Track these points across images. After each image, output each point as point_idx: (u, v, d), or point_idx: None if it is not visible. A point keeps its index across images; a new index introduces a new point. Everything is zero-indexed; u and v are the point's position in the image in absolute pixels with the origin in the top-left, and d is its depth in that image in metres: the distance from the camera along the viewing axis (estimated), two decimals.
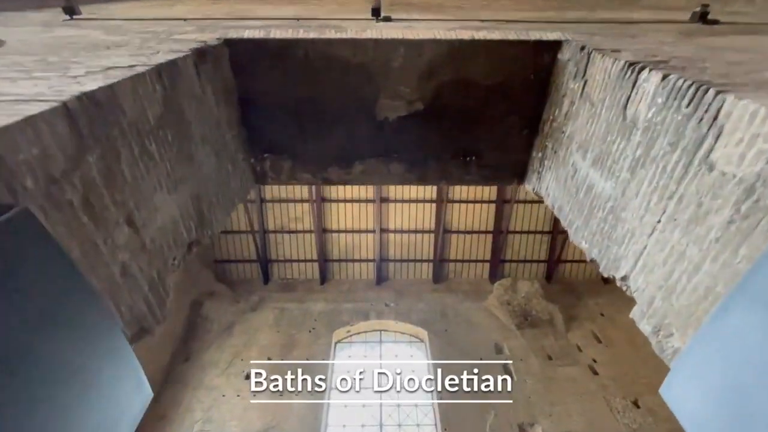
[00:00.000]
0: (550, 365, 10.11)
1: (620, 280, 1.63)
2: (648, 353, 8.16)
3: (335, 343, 10.87)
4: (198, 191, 1.78)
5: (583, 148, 1.92)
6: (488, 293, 12.07)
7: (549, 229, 12.46)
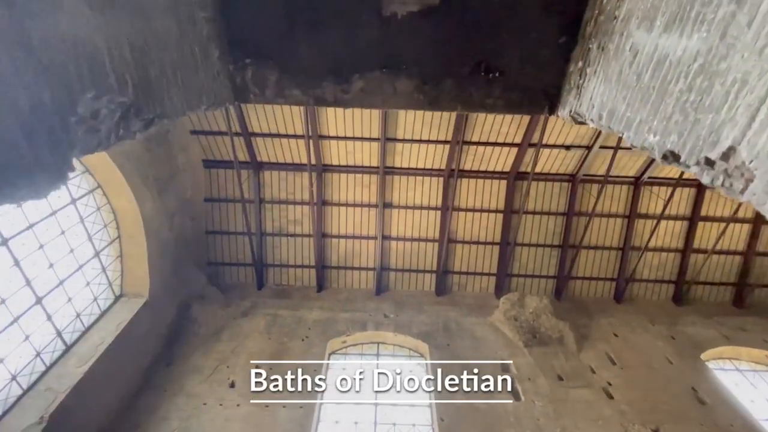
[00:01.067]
0: (560, 386, 9.30)
1: (720, 159, 1.14)
2: (668, 377, 7.50)
3: (329, 354, 10.15)
4: (142, 42, 1.36)
5: (649, 18, 1.49)
6: (494, 308, 11.36)
7: (559, 243, 11.90)
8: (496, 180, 11.39)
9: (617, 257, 12.08)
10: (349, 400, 9.08)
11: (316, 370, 9.30)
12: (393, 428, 8.70)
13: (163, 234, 9.41)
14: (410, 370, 10.01)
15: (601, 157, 10.91)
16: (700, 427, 8.53)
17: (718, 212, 11.73)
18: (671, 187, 11.35)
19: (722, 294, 12.32)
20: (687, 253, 12.00)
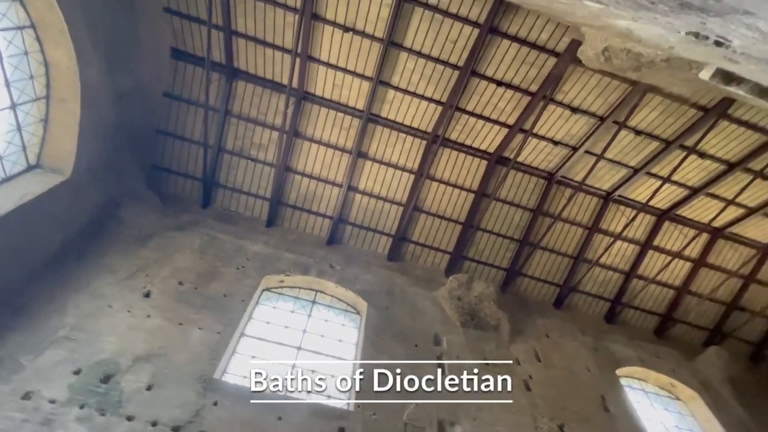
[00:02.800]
0: (484, 369, 9.33)
1: None
2: (583, 383, 7.51)
3: (263, 290, 9.51)
4: None
5: None
6: (441, 284, 11.21)
7: (519, 237, 11.89)
8: (477, 158, 11.03)
9: (568, 265, 12.30)
10: (273, 338, 8.59)
11: (244, 300, 8.67)
12: (310, 375, 8.31)
13: (105, 111, 8.17)
14: (342, 324, 9.68)
15: (583, 161, 10.84)
16: (600, 431, 8.94)
17: (669, 246, 12.20)
18: (636, 211, 11.60)
19: (648, 321, 13.00)
20: (630, 276, 12.46)
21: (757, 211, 11.22)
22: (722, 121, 9.37)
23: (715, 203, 11.34)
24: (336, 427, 7.09)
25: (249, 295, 8.86)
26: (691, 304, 12.83)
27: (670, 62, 5.85)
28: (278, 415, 6.87)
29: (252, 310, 8.90)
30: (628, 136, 10.11)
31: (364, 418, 7.40)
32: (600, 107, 9.66)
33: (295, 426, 6.83)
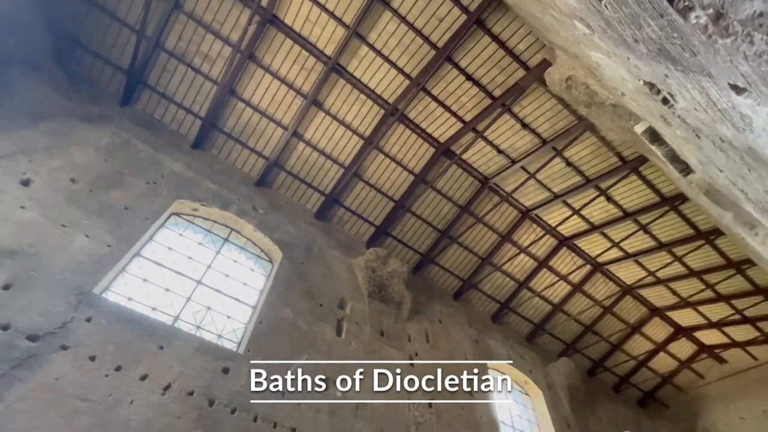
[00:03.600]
0: (379, 339, 9.87)
1: None
2: (458, 368, 8.49)
3: (172, 214, 8.70)
4: None
5: None
6: (360, 254, 11.42)
7: (441, 228, 12.52)
8: (427, 144, 11.22)
9: (475, 264, 13.36)
10: (172, 266, 7.98)
11: (148, 218, 7.84)
12: (205, 311, 7.95)
13: None
14: (251, 269, 9.36)
15: (516, 175, 11.70)
16: (459, 409, 10.11)
17: (559, 268, 13.94)
18: (544, 231, 12.97)
19: (524, 327, 14.86)
20: (522, 286, 14.02)
21: (631, 256, 13.32)
22: (633, 174, 10.79)
23: (604, 242, 13.18)
24: (221, 366, 6.92)
25: (155, 215, 8.03)
26: (560, 320, 14.95)
27: (616, 109, 6.49)
28: (160, 345, 6.47)
29: (155, 232, 8.11)
30: (560, 164, 11.13)
31: (252, 363, 7.33)
32: (546, 131, 10.42)
33: (177, 358, 6.51)
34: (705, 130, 3.14)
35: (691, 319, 15.25)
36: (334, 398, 7.95)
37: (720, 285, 13.28)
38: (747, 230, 5.27)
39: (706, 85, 2.25)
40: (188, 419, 6.06)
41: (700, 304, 14.28)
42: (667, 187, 11.00)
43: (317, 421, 7.42)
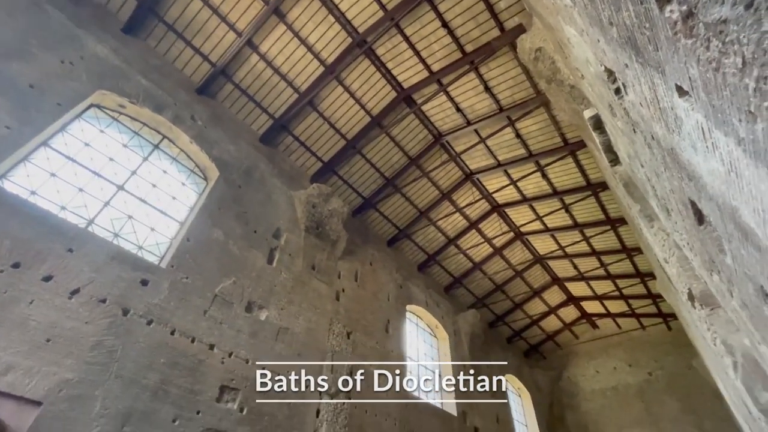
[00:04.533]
0: (310, 272, 10.09)
1: None
2: (380, 306, 9.46)
3: (92, 105, 7.60)
4: None
5: None
6: (302, 188, 11.19)
7: (388, 176, 12.62)
8: (390, 86, 10.86)
9: (413, 216, 13.88)
10: (88, 165, 7.14)
11: (61, 105, 6.78)
12: (125, 220, 7.38)
13: None
14: (183, 183, 8.77)
15: (468, 137, 11.97)
16: (373, 342, 11.01)
17: (486, 231, 15.05)
18: (482, 196, 13.73)
19: (444, 279, 16.15)
20: (451, 243, 14.99)
21: (549, 231, 14.78)
22: (569, 157, 11.63)
23: (530, 214, 14.38)
24: (139, 277, 6.63)
25: (70, 103, 6.94)
26: (476, 277, 16.46)
27: (573, 90, 6.77)
28: (69, 247, 5.95)
29: (69, 122, 7.07)
30: (510, 134, 11.57)
31: (174, 278, 7.12)
32: (505, 98, 10.63)
33: (89, 264, 6.08)
34: (642, 125, 3.43)
35: (582, 290, 17.74)
36: (258, 321, 8.15)
37: (611, 266, 15.46)
38: (646, 222, 6.08)
39: (657, 81, 2.41)
40: (98, 325, 5.84)
41: (592, 280, 16.59)
42: (595, 174, 12.10)
43: (237, 340, 7.60)
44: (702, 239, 3.42)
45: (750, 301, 3.01)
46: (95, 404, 5.39)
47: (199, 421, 6.39)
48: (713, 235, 3.03)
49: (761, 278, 2.42)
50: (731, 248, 2.69)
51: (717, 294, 4.24)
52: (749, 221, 2.05)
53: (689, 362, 16.55)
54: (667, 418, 16.28)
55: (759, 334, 3.31)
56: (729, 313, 4.20)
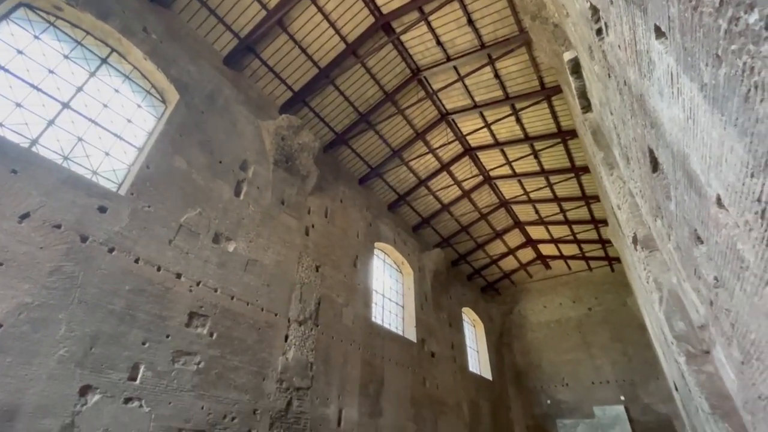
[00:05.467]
0: (278, 207, 10.01)
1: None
2: (349, 243, 9.81)
3: (21, 4, 6.55)
4: None
5: None
6: (271, 118, 10.64)
7: (363, 111, 12.17)
8: (367, 10, 10.03)
9: (386, 154, 13.73)
10: (23, 75, 6.36)
11: None
12: (75, 141, 6.82)
13: None
14: (138, 105, 8.10)
15: (446, 74, 11.56)
16: (341, 276, 11.45)
17: (457, 174, 15.25)
18: (455, 138, 13.67)
19: (413, 219, 16.58)
20: (421, 184, 15.14)
21: (517, 176, 15.19)
22: (545, 102, 11.61)
23: (500, 158, 14.61)
24: (95, 204, 6.32)
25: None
26: (444, 218, 17.01)
27: (556, 30, 6.54)
28: (13, 168, 5.50)
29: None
30: (489, 74, 11.26)
31: (134, 206, 6.85)
32: (488, 34, 10.15)
33: (37, 187, 5.69)
34: (617, 69, 3.43)
35: (540, 234, 18.86)
36: (225, 253, 8.16)
37: (570, 212, 16.36)
38: (607, 170, 6.35)
39: (639, 21, 2.37)
40: (54, 251, 5.64)
41: (551, 224, 17.60)
42: (566, 122, 12.24)
43: (205, 270, 7.64)
44: (653, 186, 3.64)
45: (683, 244, 3.32)
46: (60, 327, 5.40)
47: (169, 344, 6.61)
48: (663, 183, 3.23)
49: (696, 222, 2.65)
50: (676, 194, 2.90)
51: (657, 238, 4.64)
52: (696, 168, 2.18)
53: (624, 300, 18.58)
54: (598, 345, 18.61)
55: (685, 273, 3.72)
56: (664, 255, 4.65)
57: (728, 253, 2.24)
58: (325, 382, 9.48)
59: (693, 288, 3.65)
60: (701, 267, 3.01)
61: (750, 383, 2.97)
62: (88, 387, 5.47)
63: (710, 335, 3.79)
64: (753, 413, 3.24)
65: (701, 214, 2.46)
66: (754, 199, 1.59)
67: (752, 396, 3.08)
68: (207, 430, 6.67)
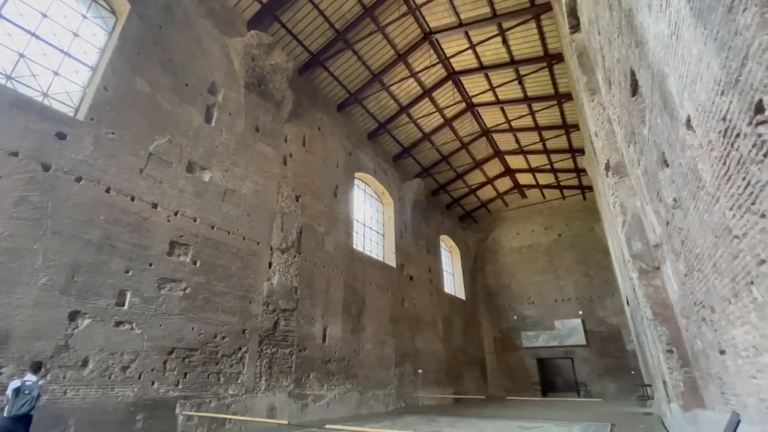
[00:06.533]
0: (254, 135, 9.60)
1: None
2: (328, 173, 9.69)
3: None
4: None
5: None
6: (239, 35, 9.68)
7: (339, 28, 11.18)
8: None
9: (365, 78, 12.98)
10: None
11: None
12: (17, 59, 6.10)
13: None
14: (83, 15, 7.19)
15: None
16: (322, 206, 11.53)
17: (439, 100, 14.76)
18: (438, 60, 12.97)
19: (393, 148, 16.33)
20: (403, 111, 14.63)
21: (500, 103, 14.85)
22: (533, 21, 10.93)
23: (484, 83, 14.11)
24: (53, 130, 5.88)
25: None
26: (425, 148, 16.83)
27: None
28: None
29: None
30: None
31: (97, 133, 6.42)
32: None
33: None
34: None
35: (519, 163, 19.11)
36: (201, 182, 7.96)
37: (549, 141, 16.46)
38: (588, 96, 6.29)
39: None
40: (16, 180, 5.37)
41: (530, 154, 17.76)
42: (553, 44, 11.70)
43: (182, 200, 7.51)
44: (630, 111, 3.66)
45: (651, 168, 3.46)
46: (37, 257, 5.36)
47: (153, 272, 6.72)
48: (640, 107, 3.25)
49: (665, 146, 2.74)
50: (651, 118, 2.93)
51: (628, 164, 4.81)
52: (672, 89, 2.18)
53: (592, 226, 19.70)
54: (563, 268, 20.13)
55: (648, 196, 3.93)
56: (632, 180, 4.86)
57: (689, 174, 2.35)
58: (310, 304, 10.05)
59: (654, 210, 3.89)
60: (663, 189, 3.18)
61: (689, 292, 3.35)
62: (76, 312, 5.63)
63: (662, 253, 4.16)
64: (687, 317, 3.71)
65: (671, 137, 2.52)
66: (720, 118, 1.64)
67: (689, 303, 3.49)
68: (199, 348, 7.13)
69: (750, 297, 1.86)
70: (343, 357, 10.72)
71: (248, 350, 8.03)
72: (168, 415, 6.38)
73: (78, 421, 5.31)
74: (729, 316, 2.30)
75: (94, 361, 5.65)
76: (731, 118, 1.54)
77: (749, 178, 1.52)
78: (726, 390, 2.86)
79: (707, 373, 3.42)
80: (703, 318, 2.99)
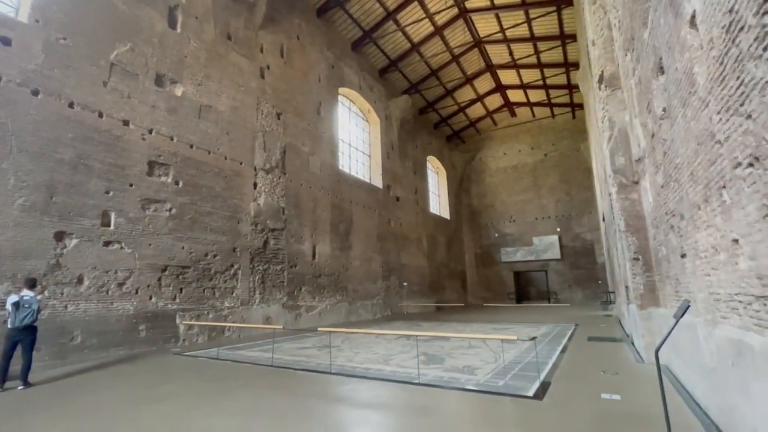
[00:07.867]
0: (225, 42, 8.74)
1: None
2: (310, 88, 9.12)
3: None
4: None
5: None
6: None
7: None
8: None
9: None
10: None
11: None
12: None
13: None
14: None
15: None
16: (305, 124, 11.08)
17: (429, 5, 13.42)
18: None
19: (380, 61, 15.23)
20: (390, 17, 13.30)
21: (496, 8, 13.60)
22: None
23: (494, 24, 12.74)
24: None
25: None
26: (413, 60, 15.74)
27: None
28: None
29: None
30: None
31: (47, 38, 5.73)
32: None
33: None
34: None
35: (511, 79, 18.25)
36: (174, 97, 7.42)
37: (544, 53, 15.54)
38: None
39: None
40: None
41: (523, 68, 16.87)
42: None
43: (155, 117, 7.06)
44: (633, 12, 3.39)
45: (645, 77, 3.33)
46: (8, 177, 5.14)
47: (134, 192, 6.59)
48: (644, 6, 3.00)
49: (663, 49, 2.59)
50: (654, 18, 2.73)
51: (623, 75, 4.62)
52: None
53: (578, 146, 19.70)
54: (546, 187, 20.61)
55: (638, 108, 3.86)
56: (624, 92, 4.73)
57: (683, 80, 2.28)
58: (298, 223, 10.23)
59: (641, 123, 3.86)
60: (655, 99, 3.10)
61: (662, 203, 3.49)
62: (62, 233, 5.61)
63: (643, 167, 4.23)
64: (657, 227, 3.93)
65: (671, 39, 2.38)
66: (727, 10, 1.52)
67: (661, 213, 3.67)
68: (192, 265, 7.36)
69: (719, 201, 1.94)
70: (332, 272, 11.30)
71: (240, 267, 8.35)
72: (169, 325, 6.82)
73: (83, 331, 5.64)
74: (696, 221, 2.43)
75: (89, 278, 5.81)
76: (738, 8, 1.43)
77: (743, 77, 1.47)
78: (680, 289, 3.16)
79: (666, 276, 3.74)
80: (672, 226, 3.16)
